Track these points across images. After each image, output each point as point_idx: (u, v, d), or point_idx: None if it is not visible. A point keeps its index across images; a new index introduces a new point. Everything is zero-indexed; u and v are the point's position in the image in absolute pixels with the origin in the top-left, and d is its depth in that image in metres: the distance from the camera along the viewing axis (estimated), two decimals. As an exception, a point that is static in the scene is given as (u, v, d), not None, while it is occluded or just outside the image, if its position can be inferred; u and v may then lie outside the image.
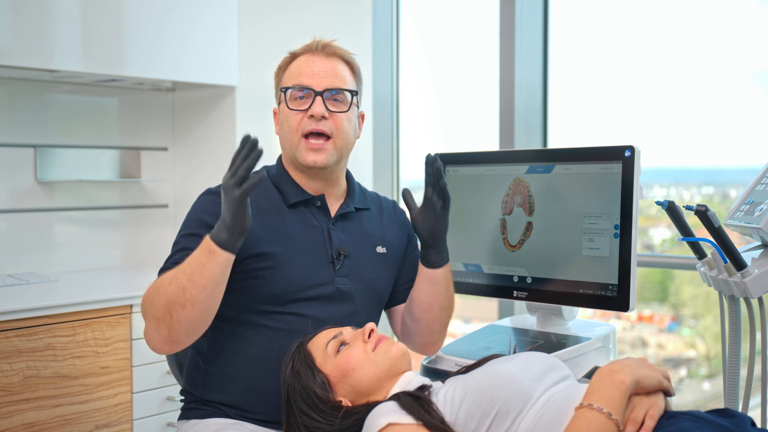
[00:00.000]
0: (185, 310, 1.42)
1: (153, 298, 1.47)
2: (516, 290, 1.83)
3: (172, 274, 1.45)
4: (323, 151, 1.61)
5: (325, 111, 1.61)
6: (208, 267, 1.41)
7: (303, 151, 1.62)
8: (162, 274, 1.53)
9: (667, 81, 2.77)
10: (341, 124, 1.63)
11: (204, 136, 3.06)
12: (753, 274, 1.54)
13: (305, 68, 1.64)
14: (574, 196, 1.74)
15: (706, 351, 2.91)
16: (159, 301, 1.45)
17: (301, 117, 1.62)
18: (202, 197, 1.65)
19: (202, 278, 1.41)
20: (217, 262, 1.41)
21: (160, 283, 1.47)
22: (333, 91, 1.62)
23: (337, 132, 1.63)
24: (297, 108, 1.62)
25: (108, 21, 2.59)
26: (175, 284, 1.43)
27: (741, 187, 2.48)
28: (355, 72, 1.70)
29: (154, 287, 1.49)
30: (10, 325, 2.15)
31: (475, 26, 3.32)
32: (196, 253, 1.43)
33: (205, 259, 1.41)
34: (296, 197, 1.65)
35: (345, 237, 1.67)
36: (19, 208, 2.77)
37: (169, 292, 1.43)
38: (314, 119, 1.60)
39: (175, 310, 1.43)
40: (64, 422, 2.27)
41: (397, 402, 1.30)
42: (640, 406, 1.22)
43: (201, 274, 1.41)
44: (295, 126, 1.62)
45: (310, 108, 1.61)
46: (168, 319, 1.43)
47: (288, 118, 1.63)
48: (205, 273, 1.41)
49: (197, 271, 1.42)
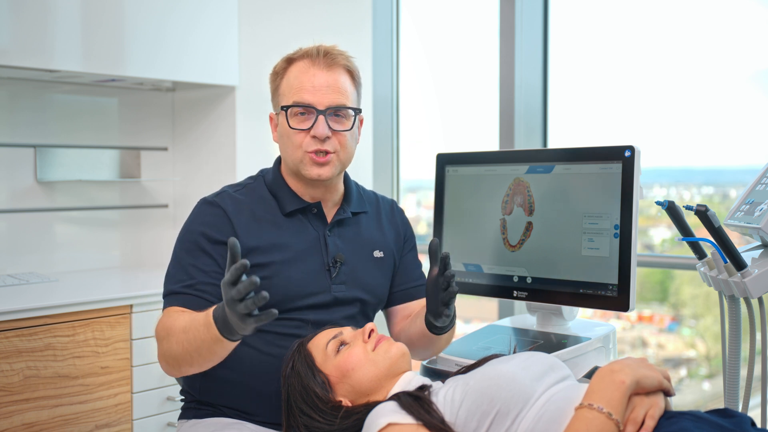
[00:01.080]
0: (193, 368, 1.47)
1: (164, 349, 1.49)
2: (516, 290, 1.83)
3: (181, 335, 1.43)
4: (328, 165, 1.60)
5: (328, 131, 1.58)
6: (216, 349, 1.39)
7: (307, 165, 1.60)
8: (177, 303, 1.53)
9: (667, 81, 2.77)
10: (345, 142, 1.61)
11: (204, 136, 3.06)
12: (753, 274, 1.54)
13: (306, 82, 1.59)
14: (574, 196, 1.74)
15: (706, 351, 2.92)
16: (170, 350, 1.47)
17: (303, 136, 1.59)
18: (201, 208, 1.63)
19: (210, 353, 1.41)
20: (224, 348, 1.39)
21: (169, 342, 1.47)
22: (336, 108, 1.59)
23: (341, 148, 1.61)
24: (298, 127, 1.59)
25: (108, 21, 2.59)
26: (183, 349, 1.43)
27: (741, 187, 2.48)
28: (356, 80, 1.66)
29: (166, 337, 1.48)
30: (10, 325, 2.15)
31: (475, 26, 3.32)
32: (202, 334, 1.37)
33: (212, 343, 1.37)
34: (292, 206, 1.64)
35: (341, 243, 1.66)
36: (19, 208, 2.77)
37: (179, 351, 1.45)
38: (318, 140, 1.58)
39: (184, 365, 1.46)
40: (64, 422, 2.27)
41: (397, 402, 1.30)
42: (640, 406, 1.22)
43: (209, 351, 1.40)
44: (297, 144, 1.59)
45: (313, 128, 1.58)
46: (178, 368, 1.49)
47: (290, 137, 1.60)
48: (213, 352, 1.40)
49: (206, 349, 1.39)
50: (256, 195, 1.66)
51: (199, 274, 1.54)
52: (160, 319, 1.53)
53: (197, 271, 1.55)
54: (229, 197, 1.63)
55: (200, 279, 1.54)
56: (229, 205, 1.61)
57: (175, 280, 1.56)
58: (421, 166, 3.48)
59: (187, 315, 1.46)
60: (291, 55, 1.65)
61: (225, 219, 1.58)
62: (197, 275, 1.54)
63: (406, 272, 1.79)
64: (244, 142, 2.94)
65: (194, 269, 1.55)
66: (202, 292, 1.53)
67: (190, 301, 1.53)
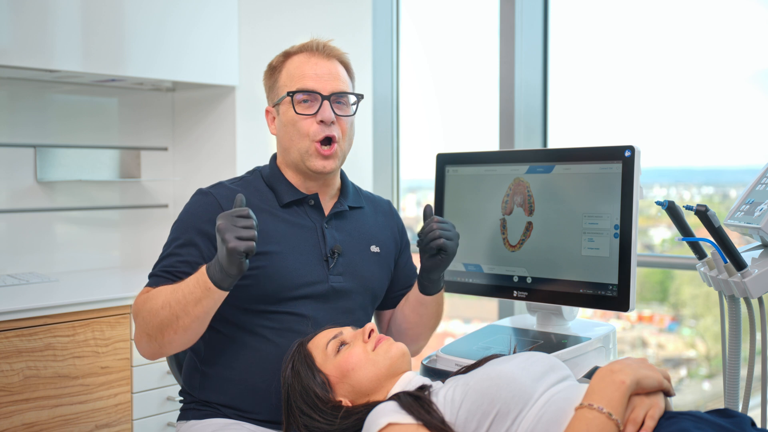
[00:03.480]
0: (177, 335, 1.47)
1: (146, 316, 1.50)
2: (516, 290, 1.83)
3: (165, 299, 1.47)
4: (333, 158, 1.62)
5: (333, 116, 1.61)
6: (203, 302, 1.43)
7: (314, 156, 1.61)
8: (153, 284, 1.56)
9: (667, 81, 2.77)
10: (346, 128, 1.65)
11: (204, 136, 3.06)
12: (753, 274, 1.54)
13: (308, 70, 1.63)
14: (574, 196, 1.74)
15: (706, 351, 2.91)
16: (152, 321, 1.48)
17: (311, 122, 1.61)
18: (194, 198, 1.65)
19: (195, 310, 1.44)
20: (213, 298, 1.44)
21: (153, 303, 1.49)
22: (339, 94, 1.63)
23: (342, 136, 1.64)
24: (304, 112, 1.61)
25: (108, 21, 2.59)
26: (169, 310, 1.45)
27: (741, 187, 2.48)
28: (351, 73, 1.71)
29: (146, 303, 1.51)
30: (10, 325, 2.15)
31: (475, 26, 3.32)
32: (191, 285, 1.44)
33: (200, 293, 1.43)
34: (290, 197, 1.65)
35: (339, 235, 1.67)
36: (19, 208, 2.77)
37: (162, 317, 1.46)
38: (324, 124, 1.60)
39: (167, 333, 1.47)
40: (64, 422, 2.27)
41: (397, 402, 1.30)
42: (640, 407, 1.22)
43: (195, 306, 1.44)
44: (305, 131, 1.61)
45: (319, 112, 1.60)
46: (160, 338, 1.49)
47: (296, 123, 1.62)
48: (199, 306, 1.44)
49: (192, 303, 1.44)
50: (252, 187, 1.67)
51: (182, 265, 1.56)
52: (138, 297, 1.55)
53: (180, 261, 1.57)
54: (225, 188, 1.66)
55: (182, 269, 1.56)
56: (223, 195, 1.63)
57: (160, 265, 1.60)
58: (421, 166, 3.49)
59: (170, 285, 1.50)
60: (288, 50, 1.69)
61: (217, 208, 1.60)
62: (179, 265, 1.57)
63: (401, 278, 1.82)
64: (244, 142, 2.94)
65: (177, 259, 1.57)
66: (182, 274, 1.55)
67: (166, 282, 1.56)
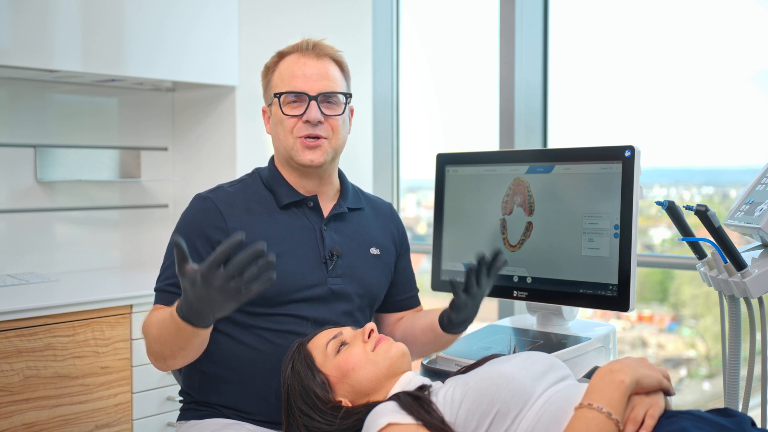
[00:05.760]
0: (176, 360, 1.48)
1: (148, 342, 1.52)
2: (516, 290, 1.83)
3: (158, 331, 1.44)
4: (319, 149, 1.62)
5: (320, 116, 1.61)
6: (193, 340, 1.40)
7: (299, 150, 1.62)
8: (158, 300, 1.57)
9: (666, 81, 2.77)
10: (337, 126, 1.65)
11: (204, 136, 3.06)
12: (753, 274, 1.54)
13: (297, 71, 1.63)
14: (574, 196, 1.74)
15: (706, 351, 2.91)
16: (152, 347, 1.50)
17: (295, 121, 1.62)
18: (193, 204, 1.65)
19: (189, 345, 1.42)
20: (201, 336, 1.40)
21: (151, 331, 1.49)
22: (327, 94, 1.63)
23: (333, 133, 1.64)
24: (291, 113, 1.62)
25: (108, 21, 2.59)
26: (161, 346, 1.45)
27: (741, 187, 2.48)
28: (345, 71, 1.70)
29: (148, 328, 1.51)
30: (10, 325, 2.15)
31: (475, 26, 3.32)
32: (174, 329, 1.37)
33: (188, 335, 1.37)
34: (288, 198, 1.65)
35: (338, 237, 1.67)
36: (19, 208, 2.77)
37: (156, 350, 1.48)
38: (310, 124, 1.61)
39: (168, 360, 1.48)
40: (64, 422, 2.27)
41: (397, 402, 1.30)
42: (640, 406, 1.22)
43: (188, 342, 1.41)
44: (289, 129, 1.62)
45: (305, 113, 1.61)
46: (162, 362, 1.51)
47: (282, 122, 1.63)
48: (191, 342, 1.41)
49: (184, 341, 1.40)
50: (250, 189, 1.67)
51: None
52: (146, 316, 1.56)
53: None
54: (223, 192, 1.66)
55: None
56: (221, 199, 1.63)
57: (163, 277, 1.60)
58: (421, 166, 3.49)
59: (159, 312, 1.49)
60: (281, 50, 1.70)
61: (216, 212, 1.60)
62: None
63: (400, 283, 1.81)
64: (244, 142, 2.94)
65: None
66: None
67: (172, 299, 1.53)
